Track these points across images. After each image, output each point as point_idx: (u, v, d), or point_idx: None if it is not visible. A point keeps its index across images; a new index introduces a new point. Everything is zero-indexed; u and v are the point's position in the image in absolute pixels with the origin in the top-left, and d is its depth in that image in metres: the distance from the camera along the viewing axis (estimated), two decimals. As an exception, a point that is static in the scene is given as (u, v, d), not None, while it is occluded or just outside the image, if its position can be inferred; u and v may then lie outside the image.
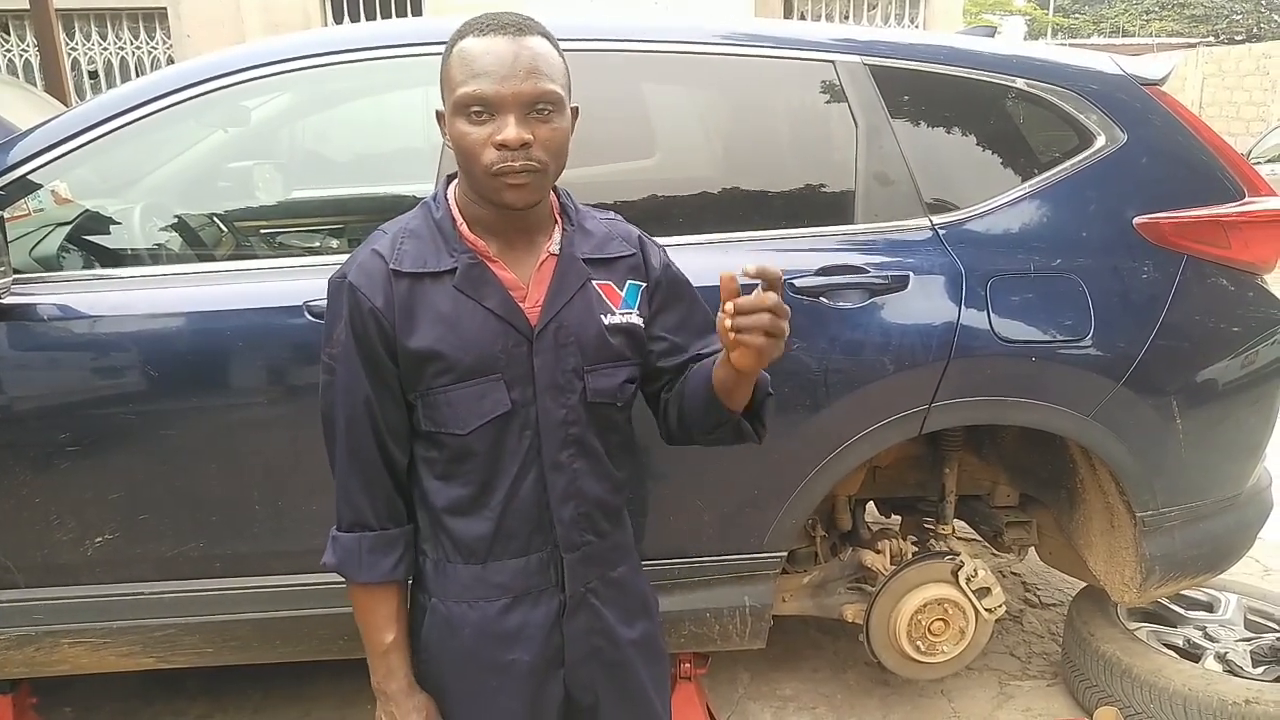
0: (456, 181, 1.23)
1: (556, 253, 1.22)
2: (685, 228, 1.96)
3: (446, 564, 1.25)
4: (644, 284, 1.29)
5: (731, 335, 1.06)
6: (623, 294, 1.26)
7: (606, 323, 1.23)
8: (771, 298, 1.05)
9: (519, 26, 1.11)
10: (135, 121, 1.87)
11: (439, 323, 1.16)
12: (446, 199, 1.22)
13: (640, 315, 1.27)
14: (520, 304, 1.19)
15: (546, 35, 1.13)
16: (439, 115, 1.18)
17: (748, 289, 1.05)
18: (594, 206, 1.34)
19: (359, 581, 1.24)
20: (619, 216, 1.34)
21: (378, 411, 1.19)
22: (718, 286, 1.50)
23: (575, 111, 1.18)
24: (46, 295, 1.82)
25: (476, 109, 1.09)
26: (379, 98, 2.57)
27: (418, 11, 10.65)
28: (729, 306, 1.05)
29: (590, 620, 1.30)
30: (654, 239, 1.35)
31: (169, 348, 1.81)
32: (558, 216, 1.25)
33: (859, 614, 2.28)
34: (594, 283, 1.24)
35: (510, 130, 1.07)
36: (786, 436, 1.94)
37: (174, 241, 2.22)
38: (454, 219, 1.20)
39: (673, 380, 1.33)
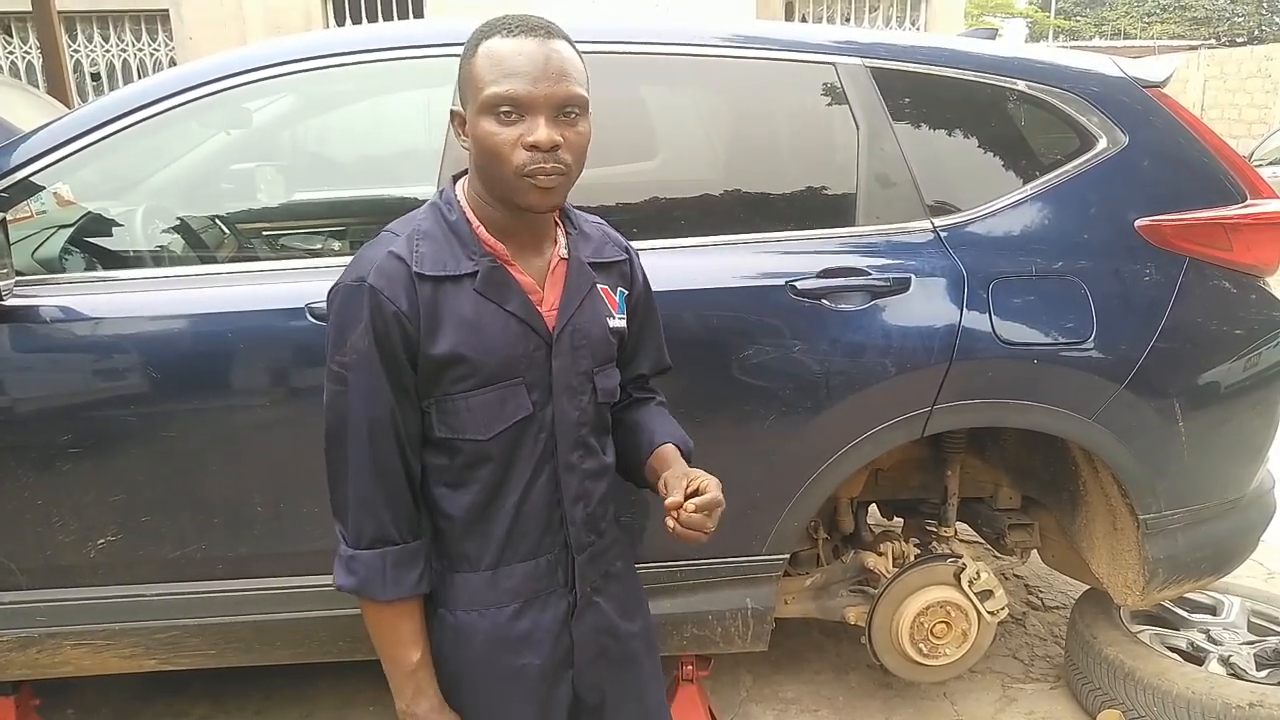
0: (464, 183, 1.22)
1: (566, 256, 1.23)
2: (687, 230, 1.96)
3: (454, 574, 1.24)
4: (628, 292, 1.32)
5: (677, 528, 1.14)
6: (617, 299, 1.29)
7: (611, 326, 1.26)
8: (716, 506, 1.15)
9: (547, 30, 1.11)
10: (138, 124, 1.87)
11: (462, 327, 1.15)
12: (459, 200, 1.21)
13: (624, 321, 1.31)
14: (538, 307, 1.19)
15: (569, 39, 1.14)
16: (454, 115, 1.17)
17: None
18: (577, 209, 1.35)
19: (383, 600, 1.18)
20: (603, 220, 1.36)
21: (399, 418, 1.16)
22: (715, 289, 1.52)
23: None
24: (49, 297, 1.82)
25: (506, 109, 1.08)
26: (381, 100, 2.57)
27: (419, 13, 10.67)
28: (690, 505, 1.13)
29: (596, 619, 1.30)
30: (635, 248, 1.38)
31: (171, 350, 1.81)
32: (558, 220, 1.26)
33: (861, 616, 2.28)
34: (598, 286, 1.26)
35: (542, 131, 1.07)
36: (789, 439, 1.94)
37: (176, 243, 2.22)
38: (469, 221, 1.18)
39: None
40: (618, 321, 1.27)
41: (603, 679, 1.32)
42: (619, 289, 1.29)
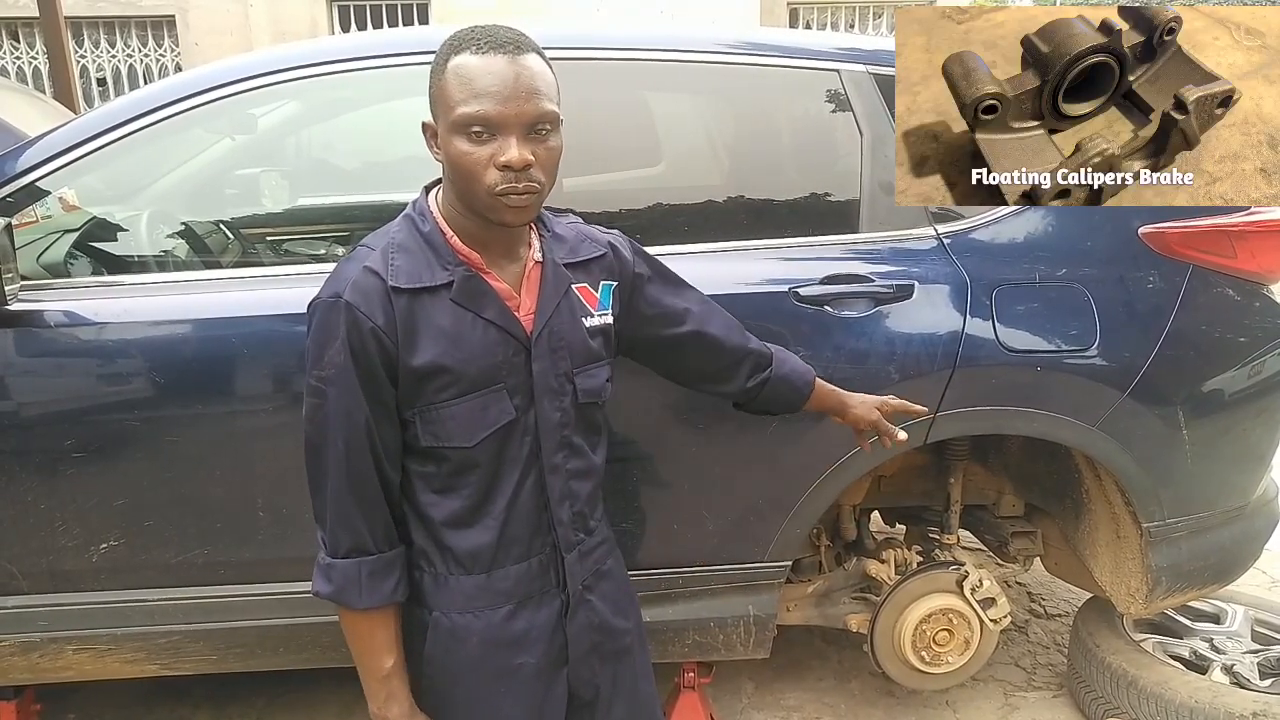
0: (437, 192, 1.23)
1: (540, 260, 1.24)
2: (690, 236, 1.96)
3: (448, 577, 1.25)
4: (616, 283, 1.32)
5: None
6: (598, 295, 1.30)
7: (588, 325, 1.27)
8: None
9: (516, 44, 1.10)
10: (143, 129, 1.87)
11: (441, 337, 1.16)
12: (431, 211, 1.21)
13: (613, 314, 1.32)
14: (515, 313, 1.20)
15: (539, 52, 1.14)
16: (425, 127, 1.18)
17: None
18: (554, 211, 1.36)
19: (359, 608, 1.21)
20: (579, 219, 1.37)
21: (375, 433, 1.17)
22: (718, 296, 1.54)
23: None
24: (53, 302, 1.82)
25: (478, 129, 1.09)
26: (385, 105, 2.58)
27: (424, 20, 10.70)
28: (901, 437, 1.60)
29: (589, 616, 1.32)
30: (620, 236, 1.40)
31: (175, 354, 1.81)
32: (532, 224, 1.27)
33: (863, 624, 2.27)
34: (574, 286, 1.27)
35: (514, 152, 1.08)
36: (791, 446, 1.94)
37: (181, 248, 2.23)
38: (443, 232, 1.19)
39: (683, 347, 1.42)
40: (598, 319, 1.29)
41: (596, 674, 1.34)
42: (602, 283, 1.30)
